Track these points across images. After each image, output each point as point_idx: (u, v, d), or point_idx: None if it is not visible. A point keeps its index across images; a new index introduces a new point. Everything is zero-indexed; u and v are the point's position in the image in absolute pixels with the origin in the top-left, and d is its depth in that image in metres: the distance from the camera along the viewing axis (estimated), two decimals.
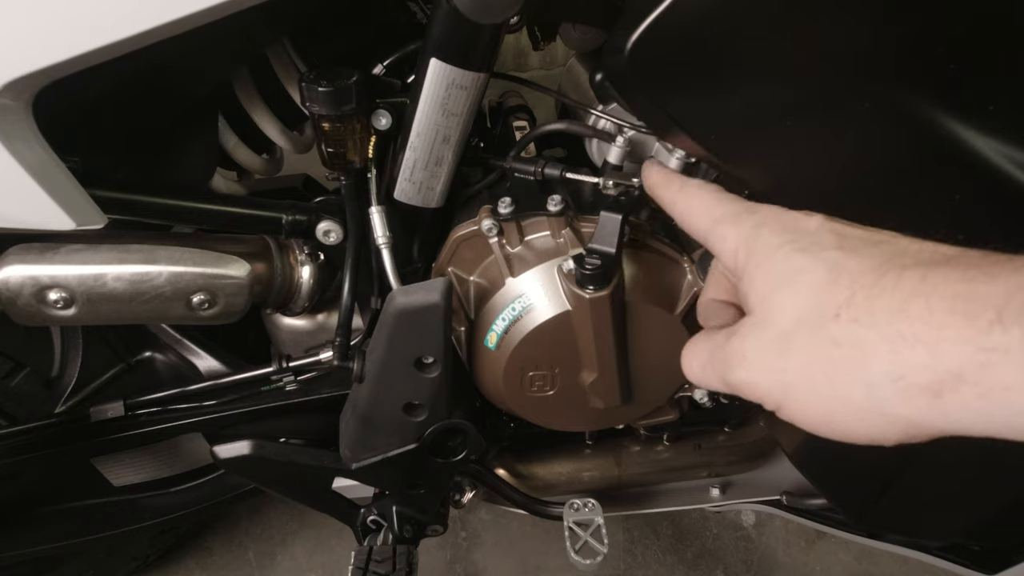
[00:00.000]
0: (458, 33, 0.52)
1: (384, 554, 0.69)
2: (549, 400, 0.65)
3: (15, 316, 0.57)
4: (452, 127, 0.58)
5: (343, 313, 0.63)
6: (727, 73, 0.46)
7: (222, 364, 0.78)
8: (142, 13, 0.41)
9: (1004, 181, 0.46)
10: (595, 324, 0.56)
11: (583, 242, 0.60)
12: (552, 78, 1.43)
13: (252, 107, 0.69)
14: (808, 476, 0.75)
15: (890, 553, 0.87)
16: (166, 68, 0.56)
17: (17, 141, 0.45)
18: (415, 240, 0.68)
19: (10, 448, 0.73)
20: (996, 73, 0.44)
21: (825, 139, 0.48)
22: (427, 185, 0.62)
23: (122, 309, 0.58)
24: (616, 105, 0.63)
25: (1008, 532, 0.70)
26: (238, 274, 0.61)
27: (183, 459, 0.87)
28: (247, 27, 0.59)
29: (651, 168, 0.46)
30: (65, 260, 0.56)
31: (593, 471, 0.90)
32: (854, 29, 0.44)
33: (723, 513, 1.22)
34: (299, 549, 1.20)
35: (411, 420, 0.62)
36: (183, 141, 0.69)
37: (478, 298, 0.64)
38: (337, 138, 0.59)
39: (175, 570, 1.18)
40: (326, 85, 0.55)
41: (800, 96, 0.46)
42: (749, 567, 1.16)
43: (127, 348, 0.78)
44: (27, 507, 0.86)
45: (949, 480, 0.63)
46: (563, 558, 0.80)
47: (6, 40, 0.41)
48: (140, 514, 0.88)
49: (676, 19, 0.43)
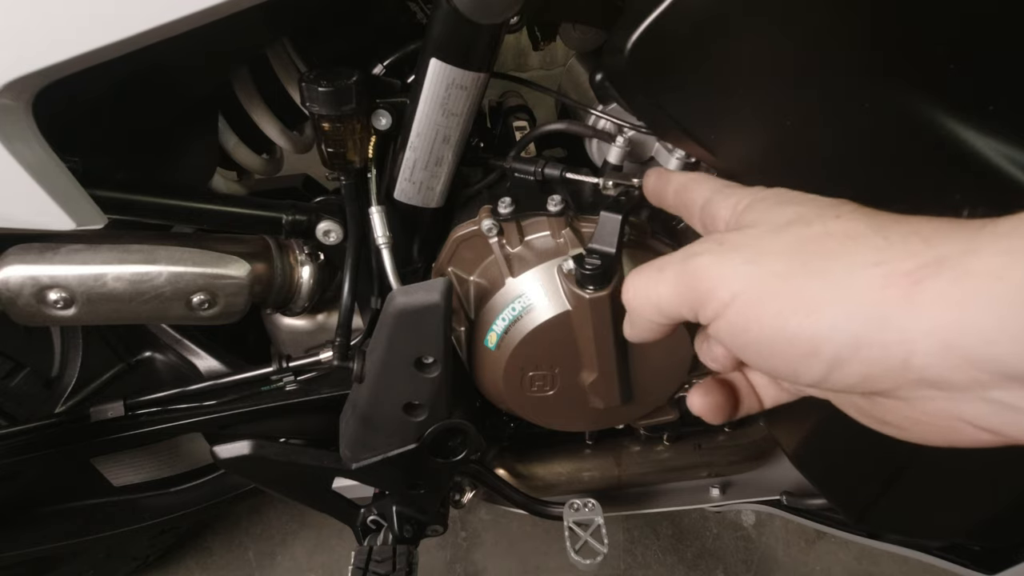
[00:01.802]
0: (458, 33, 0.52)
1: (384, 554, 0.69)
2: (549, 400, 0.65)
3: (15, 316, 0.57)
4: (452, 127, 0.58)
5: (343, 313, 0.63)
6: (727, 73, 0.46)
7: (222, 364, 0.78)
8: (142, 13, 0.41)
9: (1004, 181, 0.46)
10: (595, 324, 0.56)
11: (583, 242, 0.60)
12: (552, 78, 1.43)
13: (252, 107, 0.69)
14: (808, 476, 0.75)
15: (890, 553, 0.87)
16: (166, 68, 0.56)
17: (17, 141, 0.45)
18: (415, 240, 0.68)
19: (10, 448, 0.73)
20: (996, 73, 0.44)
21: (825, 139, 0.48)
22: (427, 185, 0.62)
23: (122, 309, 0.58)
24: (616, 105, 0.63)
25: (1008, 532, 0.69)
26: (238, 274, 0.61)
27: (183, 459, 0.87)
28: (247, 27, 0.59)
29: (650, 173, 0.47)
30: (65, 260, 0.56)
31: (593, 471, 0.90)
32: (854, 29, 0.44)
33: (723, 513, 1.22)
34: (299, 549, 1.20)
35: (411, 420, 0.62)
36: (183, 141, 0.69)
37: (478, 298, 0.64)
38: (337, 138, 0.59)
39: (175, 570, 1.18)
40: (326, 85, 0.55)
41: (800, 96, 0.46)
42: (749, 567, 1.16)
43: (127, 348, 0.78)
44: (27, 507, 0.86)
45: (949, 480, 0.63)
46: (563, 558, 0.80)
47: (6, 40, 0.41)
48: (140, 514, 0.88)
49: (676, 19, 0.43)
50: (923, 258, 0.24)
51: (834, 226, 0.27)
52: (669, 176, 0.44)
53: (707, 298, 0.29)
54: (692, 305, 0.31)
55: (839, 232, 0.27)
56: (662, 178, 0.44)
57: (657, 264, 0.33)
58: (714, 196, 0.36)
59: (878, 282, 0.24)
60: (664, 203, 0.44)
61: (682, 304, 0.31)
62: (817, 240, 0.27)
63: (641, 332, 0.36)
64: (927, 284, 0.23)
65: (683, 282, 0.31)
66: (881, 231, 0.26)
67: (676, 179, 0.42)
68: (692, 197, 0.39)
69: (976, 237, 0.23)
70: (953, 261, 0.23)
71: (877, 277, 0.24)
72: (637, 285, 0.34)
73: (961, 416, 0.25)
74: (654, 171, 0.46)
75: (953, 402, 0.25)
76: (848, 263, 0.26)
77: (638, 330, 0.36)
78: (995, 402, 0.23)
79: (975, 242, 0.23)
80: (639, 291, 0.33)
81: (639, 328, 0.35)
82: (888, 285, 0.24)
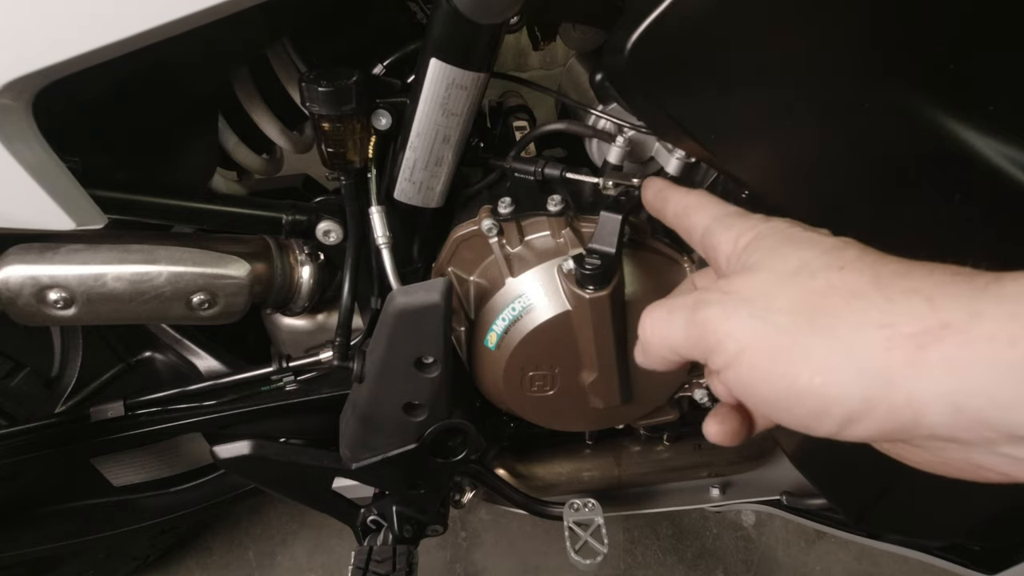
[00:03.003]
0: (458, 33, 0.52)
1: (384, 554, 0.69)
2: (549, 400, 0.65)
3: (15, 316, 0.57)
4: (452, 127, 0.58)
5: (343, 313, 0.63)
6: (727, 73, 0.46)
7: (222, 364, 0.78)
8: (142, 13, 0.41)
9: (1004, 181, 0.46)
10: (595, 324, 0.56)
11: (583, 242, 0.60)
12: (552, 78, 1.43)
13: (252, 107, 0.69)
14: (808, 476, 0.75)
15: (890, 553, 0.87)
16: (166, 68, 0.56)
17: (17, 141, 0.45)
18: (415, 240, 0.68)
19: (10, 448, 0.73)
20: (996, 73, 0.44)
21: (825, 139, 0.48)
22: (427, 185, 0.62)
23: (122, 309, 0.58)
24: (616, 105, 0.63)
25: (1008, 532, 0.70)
26: (238, 274, 0.61)
27: (183, 459, 0.87)
28: (247, 27, 0.59)
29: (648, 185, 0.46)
30: (65, 260, 0.56)
31: (593, 471, 0.90)
32: (854, 29, 0.44)
33: (723, 513, 1.22)
34: (299, 549, 1.20)
35: (411, 420, 0.62)
36: (183, 141, 0.69)
37: (478, 298, 0.64)
38: (337, 138, 0.59)
39: (175, 570, 1.18)
40: (326, 85, 0.55)
41: (800, 96, 0.46)
42: (749, 567, 1.16)
43: (127, 348, 0.78)
44: (27, 507, 0.86)
45: (949, 480, 0.63)
46: (563, 558, 0.80)
47: (6, 40, 0.41)
48: (140, 514, 0.88)
49: (676, 19, 0.43)
50: (927, 322, 0.24)
51: (837, 280, 0.27)
52: (668, 196, 0.43)
53: (716, 349, 0.30)
54: (702, 352, 0.31)
55: (843, 289, 0.27)
56: (660, 196, 0.44)
57: (668, 306, 0.33)
58: (714, 225, 0.36)
59: (882, 344, 0.25)
60: (662, 220, 0.44)
61: (693, 349, 0.32)
62: (822, 295, 0.27)
63: (653, 364, 0.36)
64: (932, 349, 0.23)
65: (693, 330, 0.31)
66: (883, 290, 0.26)
67: (675, 201, 0.42)
68: (692, 223, 0.39)
69: (980, 298, 0.23)
70: (958, 326, 0.23)
71: (881, 339, 0.25)
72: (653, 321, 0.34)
73: (976, 463, 0.26)
74: (652, 185, 0.46)
75: (967, 452, 0.25)
76: (853, 323, 0.26)
77: (651, 361, 0.36)
78: (1006, 455, 0.24)
79: (979, 304, 0.23)
80: (655, 328, 0.34)
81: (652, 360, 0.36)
82: (892, 347, 0.24)
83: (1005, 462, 0.24)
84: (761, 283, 0.30)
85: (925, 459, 0.28)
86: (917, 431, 0.25)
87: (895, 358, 0.24)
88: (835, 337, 0.26)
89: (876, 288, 0.26)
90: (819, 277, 0.28)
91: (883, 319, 0.25)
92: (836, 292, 0.27)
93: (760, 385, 0.28)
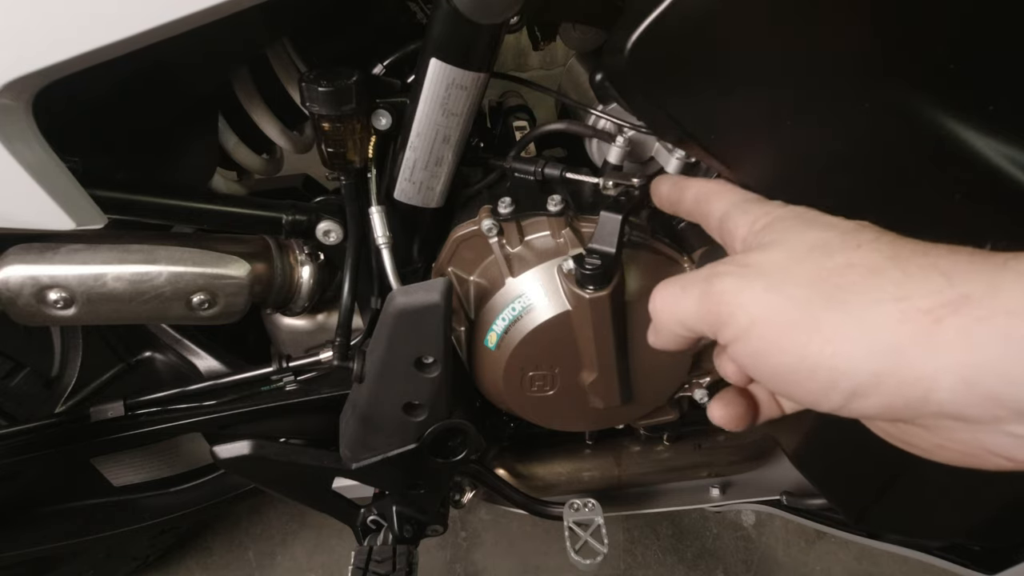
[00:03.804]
0: (458, 33, 0.52)
1: (384, 554, 0.69)
2: (549, 400, 0.65)
3: (15, 316, 0.57)
4: (452, 127, 0.58)
5: (343, 313, 0.63)
6: (727, 73, 0.46)
7: (222, 364, 0.78)
8: (142, 13, 0.41)
9: (1004, 181, 0.46)
10: (595, 324, 0.56)
11: (583, 242, 0.60)
12: (552, 78, 1.43)
13: (252, 107, 0.69)
14: (808, 476, 0.75)
15: (890, 553, 0.87)
16: (166, 68, 0.56)
17: (17, 141, 0.45)
18: (415, 240, 0.68)
19: (10, 448, 0.73)
20: (996, 73, 0.44)
21: (825, 139, 0.48)
22: (427, 185, 0.62)
23: (122, 309, 0.58)
24: (616, 105, 0.63)
25: (1008, 532, 0.69)
26: (238, 274, 0.61)
27: (183, 459, 0.87)
28: (247, 27, 0.59)
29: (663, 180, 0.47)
30: (65, 260, 0.56)
31: (593, 471, 0.90)
32: (854, 29, 0.44)
33: (723, 513, 1.22)
34: (299, 549, 1.20)
35: (411, 420, 0.62)
36: (183, 141, 0.69)
37: (478, 298, 0.64)
38: (337, 138, 0.59)
39: (175, 570, 1.18)
40: (326, 85, 0.55)
41: (800, 96, 0.46)
42: (749, 567, 1.16)
43: (127, 348, 0.78)
44: (27, 507, 0.86)
45: (949, 480, 0.63)
46: (563, 558, 0.80)
47: (6, 40, 0.41)
48: (140, 514, 0.88)
49: (676, 19, 0.43)
50: (945, 296, 0.24)
51: (855, 257, 0.27)
52: (687, 184, 0.43)
53: (727, 321, 0.30)
54: (712, 325, 0.31)
55: (861, 265, 0.27)
56: (678, 185, 0.44)
57: (682, 281, 0.33)
58: (732, 210, 0.36)
59: (896, 317, 0.24)
60: (679, 211, 0.44)
61: (702, 322, 0.32)
62: (839, 272, 0.27)
63: (665, 342, 0.36)
64: (948, 322, 0.23)
65: (705, 302, 0.31)
66: (900, 264, 0.26)
67: (695, 188, 0.42)
68: (710, 209, 0.39)
69: (1000, 274, 0.23)
70: (976, 300, 0.23)
71: (896, 313, 0.25)
72: (664, 297, 0.34)
73: (982, 445, 0.25)
74: (667, 178, 0.46)
75: (974, 433, 0.25)
76: (868, 298, 0.26)
77: (662, 339, 0.36)
78: (1014, 435, 0.24)
79: (999, 279, 0.23)
80: (666, 303, 0.34)
81: (663, 338, 0.36)
82: (906, 320, 0.24)
83: (1012, 443, 0.24)
84: (778, 258, 0.30)
85: (929, 443, 0.28)
86: (925, 408, 0.24)
87: (908, 332, 0.24)
88: (848, 311, 0.26)
89: (894, 264, 0.26)
90: (837, 255, 0.28)
91: (899, 292, 0.25)
92: (854, 269, 0.27)
93: (770, 357, 0.28)
